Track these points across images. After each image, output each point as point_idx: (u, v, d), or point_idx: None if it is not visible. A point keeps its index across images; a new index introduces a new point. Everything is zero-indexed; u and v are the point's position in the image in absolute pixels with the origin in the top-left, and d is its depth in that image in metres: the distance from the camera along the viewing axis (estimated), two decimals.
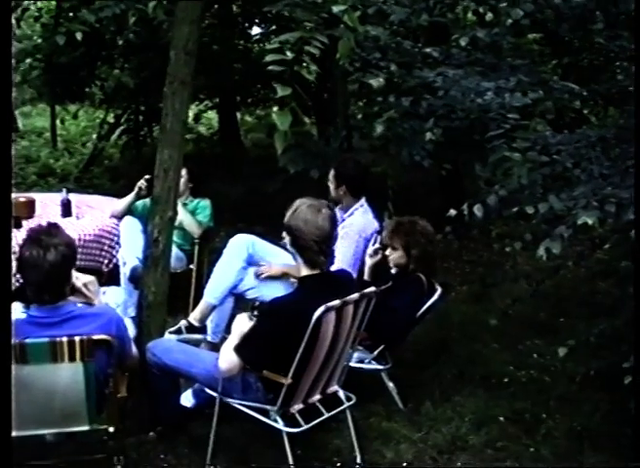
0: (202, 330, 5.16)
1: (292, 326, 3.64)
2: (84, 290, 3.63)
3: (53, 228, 3.58)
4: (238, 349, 3.77)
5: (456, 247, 7.68)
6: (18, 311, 4.21)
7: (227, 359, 3.80)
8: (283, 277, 4.95)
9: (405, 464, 4.18)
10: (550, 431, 4.45)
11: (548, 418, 4.59)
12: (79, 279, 3.72)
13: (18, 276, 5.70)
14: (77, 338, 3.33)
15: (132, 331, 4.31)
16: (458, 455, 4.26)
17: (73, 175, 11.86)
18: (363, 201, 5.36)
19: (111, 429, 3.65)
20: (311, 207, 3.83)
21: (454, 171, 7.25)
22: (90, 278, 3.73)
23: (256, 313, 3.91)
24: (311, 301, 3.63)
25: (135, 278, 5.41)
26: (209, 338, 5.17)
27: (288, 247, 3.94)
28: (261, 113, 15.02)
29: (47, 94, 13.01)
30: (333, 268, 4.73)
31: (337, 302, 3.66)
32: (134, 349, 3.79)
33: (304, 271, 3.88)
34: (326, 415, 4.04)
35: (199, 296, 5.29)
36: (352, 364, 4.35)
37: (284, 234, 3.93)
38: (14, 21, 16.04)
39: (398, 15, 5.78)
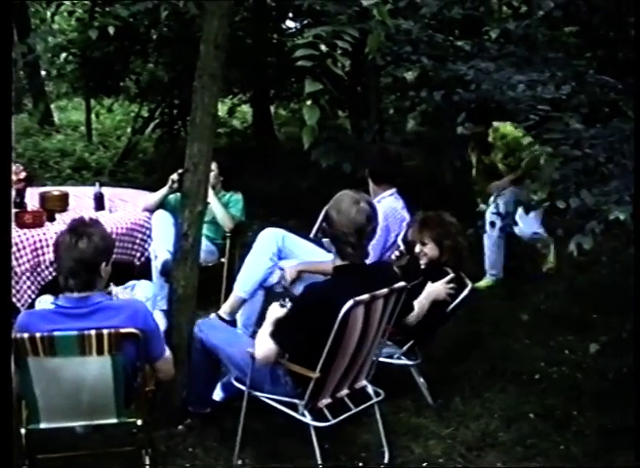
0: (232, 323, 5.18)
1: (321, 312, 3.63)
2: None
3: (92, 220, 3.66)
4: (273, 334, 3.78)
5: None
6: (49, 303, 4.26)
7: (263, 346, 3.80)
8: (305, 275, 4.96)
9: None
10: (581, 429, 4.40)
11: (579, 416, 4.54)
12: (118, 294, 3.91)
13: (49, 270, 5.82)
14: (105, 331, 3.34)
15: (163, 324, 4.32)
16: (487, 452, 4.23)
17: (108, 168, 11.93)
18: (393, 190, 5.33)
19: (139, 422, 3.65)
20: (351, 199, 3.83)
21: None
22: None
23: (287, 300, 3.92)
24: (342, 291, 3.64)
25: (166, 272, 5.43)
26: (239, 331, 5.18)
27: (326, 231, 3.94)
28: (295, 107, 15.02)
29: (82, 88, 13.10)
30: None
31: (366, 297, 3.65)
32: (163, 342, 3.79)
33: (337, 261, 3.88)
34: (354, 410, 4.03)
35: (230, 290, 5.32)
36: (381, 359, 4.33)
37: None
38: (49, 16, 16.24)
39: (430, 7, 5.74)
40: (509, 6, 7.15)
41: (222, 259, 6.01)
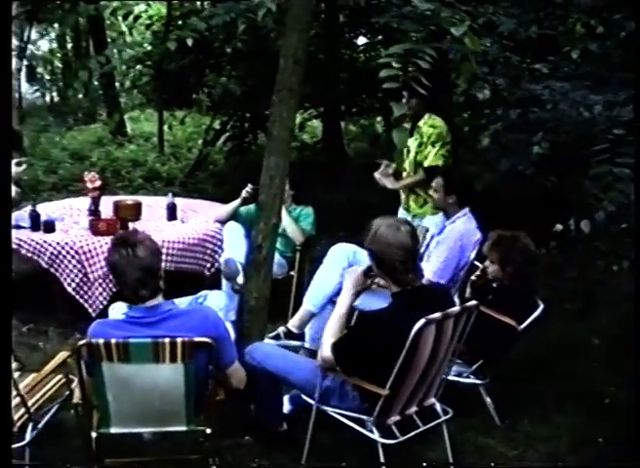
0: (300, 336, 5.20)
1: (384, 341, 3.63)
2: None
3: (134, 230, 3.70)
4: (334, 347, 3.81)
5: (559, 262, 7.53)
6: (122, 310, 4.32)
7: (326, 351, 3.84)
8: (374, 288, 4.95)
9: None
10: None
11: None
12: None
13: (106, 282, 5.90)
14: (179, 340, 3.37)
15: (232, 334, 4.35)
16: None
17: (178, 179, 12.10)
18: (467, 210, 5.33)
19: (208, 431, 3.67)
20: (390, 226, 3.80)
21: (558, 185, 7.12)
22: None
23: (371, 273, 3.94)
24: (404, 316, 3.61)
25: (229, 273, 5.48)
26: (307, 345, 5.20)
27: (375, 269, 3.92)
28: (365, 122, 15.05)
29: (156, 99, 13.31)
30: (426, 272, 4.73)
31: (437, 315, 3.63)
32: (234, 349, 3.80)
33: (394, 288, 3.85)
34: (422, 428, 4.00)
35: (299, 303, 5.34)
36: (450, 377, 4.31)
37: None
38: (126, 29, 16.50)
39: (507, 26, 5.71)
40: (586, 26, 7.07)
41: (292, 273, 6.04)
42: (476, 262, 5.24)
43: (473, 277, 5.06)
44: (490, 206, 6.49)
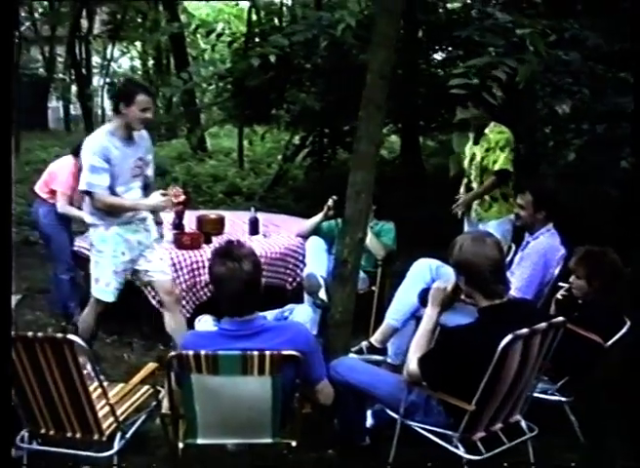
0: (383, 351, 5.20)
1: (471, 356, 3.61)
2: None
3: (237, 243, 3.73)
4: (421, 362, 3.80)
5: None
6: (209, 323, 4.38)
7: (412, 366, 3.83)
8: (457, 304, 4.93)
9: None
10: None
11: None
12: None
13: (204, 290, 5.99)
14: (267, 353, 3.39)
15: None
16: None
17: (258, 194, 12.22)
18: (550, 226, 5.27)
19: (293, 443, 3.70)
20: (475, 239, 3.79)
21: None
22: None
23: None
24: (492, 332, 3.58)
25: (311, 288, 5.52)
26: (389, 360, 5.20)
27: (462, 285, 3.90)
28: (443, 138, 14.99)
29: (236, 116, 13.48)
30: (512, 289, 4.68)
31: (525, 331, 3.60)
32: (323, 365, 3.82)
33: (483, 302, 3.81)
34: (508, 445, 3.96)
35: (380, 318, 5.34)
36: (535, 394, 4.26)
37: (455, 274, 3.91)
38: (206, 46, 16.74)
39: (593, 40, 5.66)
40: None
41: (373, 287, 6.03)
42: (560, 283, 5.16)
43: (559, 296, 5.00)
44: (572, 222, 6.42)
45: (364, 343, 5.14)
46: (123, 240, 5.24)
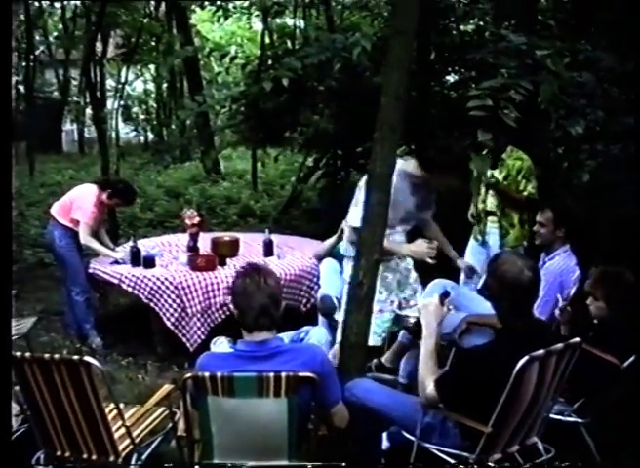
0: (393, 370, 5.19)
1: (487, 377, 3.59)
2: None
3: (261, 263, 3.79)
4: (437, 385, 3.78)
5: None
6: (225, 345, 4.39)
7: (430, 390, 3.81)
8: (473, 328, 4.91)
9: None
10: None
11: None
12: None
13: (219, 312, 6.00)
14: (283, 375, 3.39)
15: None
16: None
17: (272, 216, 12.24)
18: (567, 246, 5.27)
19: (310, 466, 3.68)
20: (515, 260, 3.79)
21: None
22: None
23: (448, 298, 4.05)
24: (508, 353, 3.58)
25: (325, 309, 5.52)
26: (402, 381, 5.19)
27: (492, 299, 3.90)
28: None
29: (250, 138, 13.52)
30: None
31: (541, 352, 3.59)
32: (339, 388, 3.82)
33: (499, 324, 3.83)
34: (524, 467, 3.94)
35: (392, 338, 5.34)
36: (551, 415, 4.24)
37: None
38: (220, 69, 16.86)
39: (607, 62, 5.67)
40: None
41: None
42: (558, 296, 5.14)
43: (557, 310, 4.97)
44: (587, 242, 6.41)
45: (374, 361, 5.16)
46: None
